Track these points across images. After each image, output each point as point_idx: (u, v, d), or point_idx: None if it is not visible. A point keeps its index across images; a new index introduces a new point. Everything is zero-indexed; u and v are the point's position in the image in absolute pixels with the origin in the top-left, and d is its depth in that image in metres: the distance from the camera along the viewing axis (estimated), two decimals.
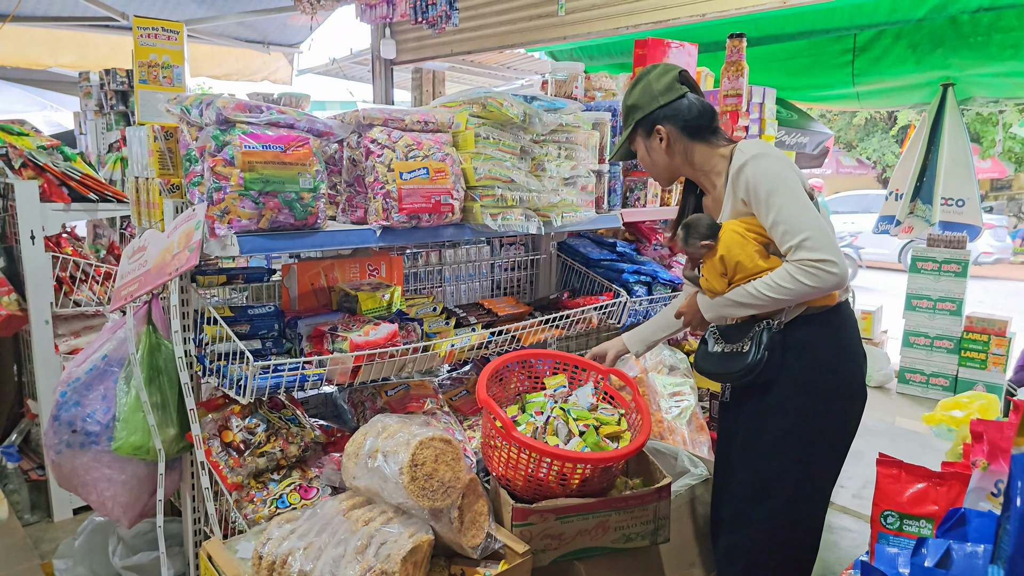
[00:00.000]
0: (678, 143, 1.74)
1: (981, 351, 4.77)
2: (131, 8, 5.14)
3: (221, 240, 1.55)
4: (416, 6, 3.63)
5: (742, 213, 1.68)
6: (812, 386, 1.68)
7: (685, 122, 1.72)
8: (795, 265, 1.54)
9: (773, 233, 1.59)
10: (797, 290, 1.54)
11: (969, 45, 4.12)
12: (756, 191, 1.59)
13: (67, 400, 1.69)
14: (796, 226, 1.54)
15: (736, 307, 1.66)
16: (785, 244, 1.56)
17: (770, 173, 1.59)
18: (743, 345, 1.69)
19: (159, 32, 1.82)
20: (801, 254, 1.53)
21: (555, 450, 1.68)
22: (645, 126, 1.76)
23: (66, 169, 2.65)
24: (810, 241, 1.52)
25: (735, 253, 1.64)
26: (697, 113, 1.72)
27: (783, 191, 1.57)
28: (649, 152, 1.79)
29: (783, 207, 1.56)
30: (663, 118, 1.73)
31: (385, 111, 1.85)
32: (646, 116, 1.74)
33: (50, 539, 2.53)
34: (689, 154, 1.75)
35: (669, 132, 1.73)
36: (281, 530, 1.45)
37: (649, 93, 1.74)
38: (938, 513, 2.00)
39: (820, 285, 1.52)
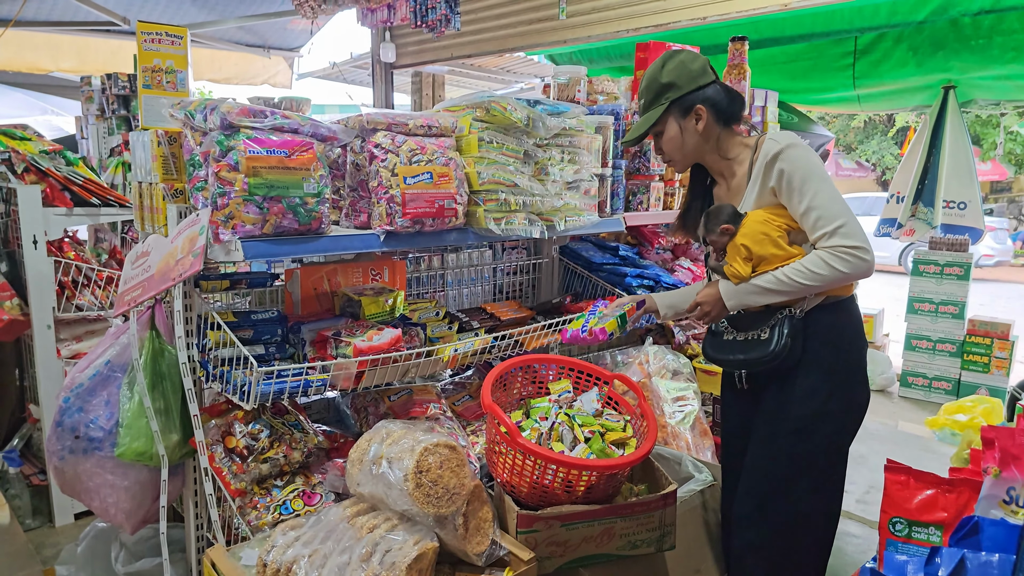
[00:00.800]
0: (711, 127, 1.76)
1: (984, 355, 4.77)
2: (132, 13, 5.15)
3: (225, 245, 1.55)
4: (416, 10, 3.64)
5: (767, 203, 1.71)
6: (837, 372, 1.72)
7: (720, 106, 1.74)
8: (829, 252, 1.57)
9: (805, 220, 1.62)
10: (830, 276, 1.57)
11: (970, 48, 4.12)
12: (791, 179, 1.62)
13: (70, 406, 1.69)
14: (831, 213, 1.57)
15: (763, 294, 1.67)
16: (819, 231, 1.59)
17: (805, 161, 1.62)
18: (760, 333, 1.72)
19: (163, 37, 1.82)
20: (836, 240, 1.56)
21: (561, 457, 1.68)
22: (682, 105, 1.76)
23: (68, 174, 2.65)
24: (846, 228, 1.56)
25: (759, 239, 1.66)
26: (731, 99, 1.76)
27: (818, 179, 1.60)
28: (683, 132, 1.78)
29: (818, 194, 1.59)
30: (703, 99, 1.74)
31: (389, 116, 1.84)
32: (685, 95, 1.74)
33: (51, 544, 2.52)
34: (720, 139, 1.77)
35: (708, 114, 1.74)
36: (286, 537, 1.45)
37: (687, 73, 1.74)
38: (947, 520, 1.99)
39: (852, 272, 1.56)
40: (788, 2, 3.49)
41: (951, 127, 4.88)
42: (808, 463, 1.75)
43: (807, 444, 1.74)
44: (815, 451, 1.75)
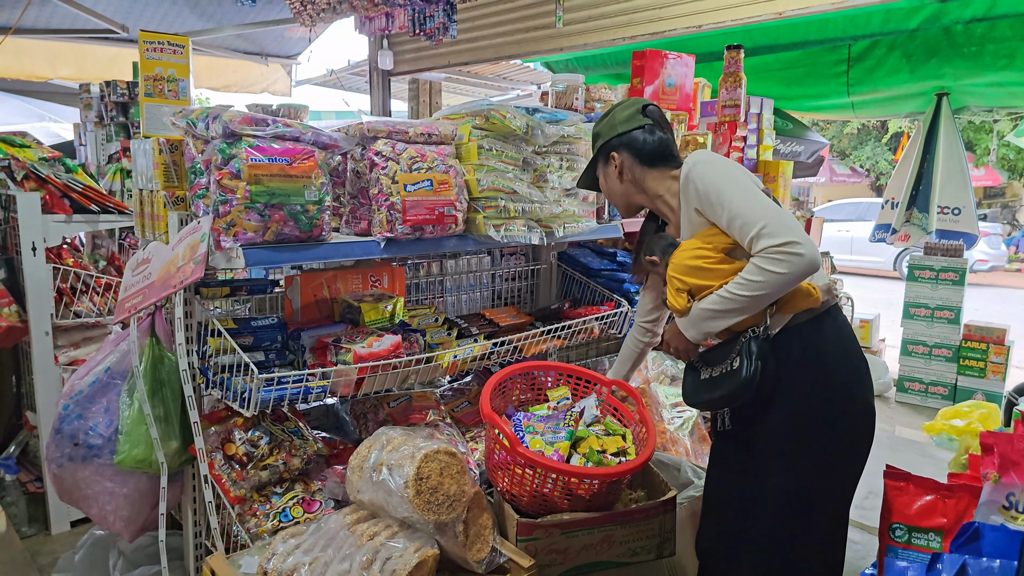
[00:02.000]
0: (632, 170, 1.75)
1: (980, 359, 4.79)
2: (131, 21, 5.16)
3: (227, 252, 1.55)
4: (414, 18, 3.66)
5: (700, 225, 1.64)
6: (816, 397, 1.60)
7: (639, 150, 1.74)
8: (760, 256, 1.48)
9: (732, 231, 1.55)
10: (769, 281, 1.47)
11: (963, 55, 4.16)
12: (706, 194, 1.57)
13: (69, 413, 1.68)
14: (751, 216, 1.50)
15: (714, 317, 1.58)
16: (746, 238, 1.51)
17: (714, 173, 1.58)
18: (731, 363, 1.60)
19: (165, 46, 1.83)
20: (763, 243, 1.47)
21: (562, 465, 1.68)
22: (603, 153, 1.80)
23: (68, 181, 2.65)
24: (768, 227, 1.47)
25: (688, 269, 1.61)
26: (653, 143, 1.74)
27: (731, 186, 1.55)
28: (605, 179, 1.82)
29: (733, 201, 1.53)
30: (618, 145, 1.76)
31: (389, 123, 1.86)
32: (605, 143, 1.78)
33: (47, 552, 2.51)
34: (641, 181, 1.75)
35: (623, 159, 1.75)
36: (286, 545, 1.45)
37: (610, 123, 1.78)
38: (947, 526, 2.00)
39: (791, 271, 1.45)
40: (783, 10, 3.53)
41: (945, 133, 4.92)
42: (801, 501, 1.64)
43: (795, 481, 1.62)
44: (807, 487, 1.63)
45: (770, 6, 3.54)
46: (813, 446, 1.62)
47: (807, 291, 1.57)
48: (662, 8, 3.92)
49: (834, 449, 1.64)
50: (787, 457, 1.63)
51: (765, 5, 3.55)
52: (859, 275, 11.58)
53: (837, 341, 1.64)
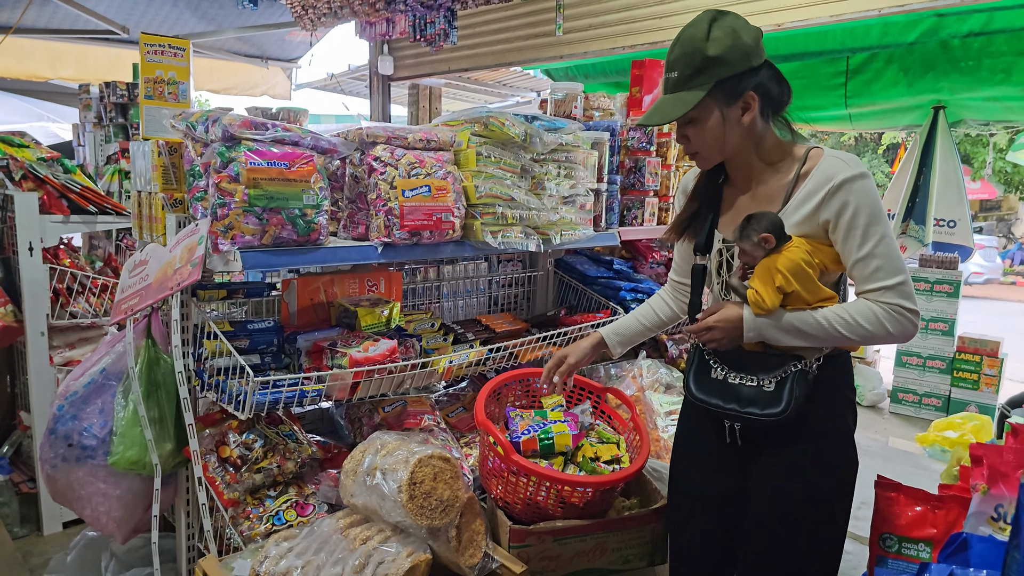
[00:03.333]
0: (758, 120, 1.42)
1: (973, 372, 4.81)
2: (131, 22, 5.18)
3: (224, 255, 1.56)
4: (415, 24, 3.68)
5: (809, 232, 1.42)
6: (849, 429, 1.52)
7: (771, 96, 1.41)
8: (884, 308, 1.36)
9: (860, 267, 1.38)
10: (875, 334, 1.37)
11: (960, 69, 4.20)
12: (855, 216, 1.36)
13: (64, 414, 1.68)
14: (895, 267, 1.36)
15: (795, 334, 1.41)
16: (875, 283, 1.37)
17: (874, 199, 1.37)
18: (764, 382, 1.45)
19: (166, 49, 1.84)
20: (894, 298, 1.35)
21: (556, 474, 1.69)
22: (730, 89, 1.38)
23: (66, 181, 2.65)
24: (906, 287, 1.36)
25: (799, 272, 1.39)
26: (781, 87, 1.43)
27: (884, 222, 1.37)
28: (726, 123, 1.41)
29: (882, 240, 1.36)
30: (757, 84, 1.38)
31: (388, 129, 1.87)
32: (734, 76, 1.36)
33: (39, 553, 2.50)
34: (762, 136, 1.44)
35: (759, 104, 1.40)
36: (279, 548, 1.45)
37: (741, 47, 1.35)
38: (937, 536, 2.01)
39: (900, 335, 1.37)
40: (782, 22, 3.56)
41: (941, 146, 4.95)
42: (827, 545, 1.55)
43: (829, 524, 1.51)
44: (835, 530, 1.53)
45: (769, 18, 3.58)
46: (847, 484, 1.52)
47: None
48: (662, 18, 3.96)
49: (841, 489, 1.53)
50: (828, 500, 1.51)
51: (764, 17, 3.59)
52: None
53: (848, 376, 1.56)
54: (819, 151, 1.44)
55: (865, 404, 5.16)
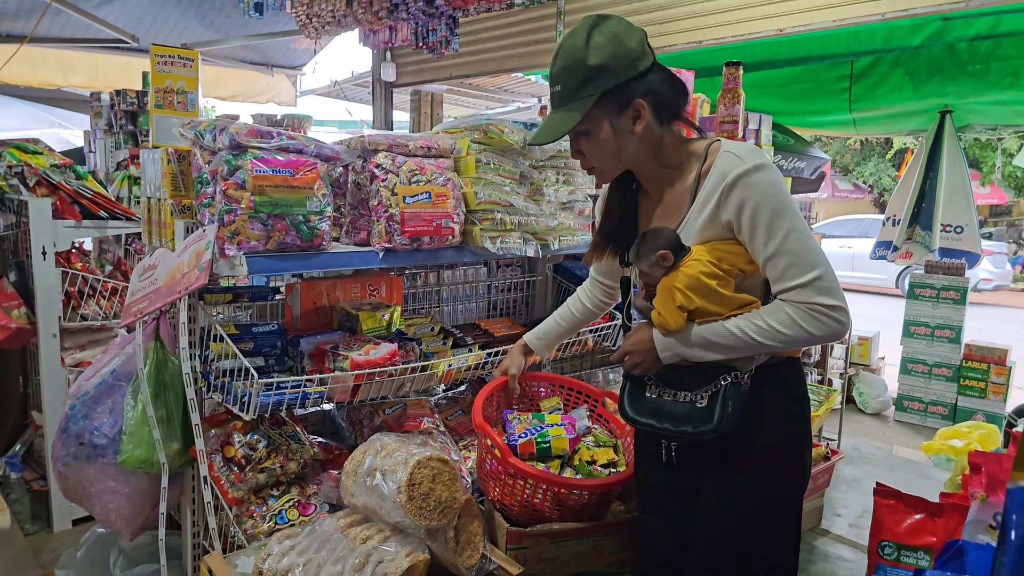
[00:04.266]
0: (652, 126, 1.35)
1: (980, 380, 4.77)
2: (141, 31, 5.27)
3: (230, 260, 1.60)
4: (417, 31, 3.73)
5: (714, 236, 1.35)
6: (788, 438, 1.42)
7: (663, 100, 1.33)
8: (801, 309, 1.25)
9: (771, 265, 1.28)
10: (797, 338, 1.26)
11: (967, 73, 4.17)
12: (756, 213, 1.26)
13: (76, 413, 1.73)
14: (807, 261, 1.25)
15: (711, 348, 1.33)
16: (788, 281, 1.27)
17: (775, 191, 1.27)
18: (697, 398, 1.37)
19: (175, 59, 1.89)
20: (810, 295, 1.24)
21: (553, 476, 1.71)
22: (617, 99, 1.31)
23: (78, 187, 2.72)
24: (822, 282, 1.25)
25: (702, 288, 1.31)
26: (674, 89, 1.35)
27: (791, 215, 1.26)
28: (617, 134, 1.34)
29: (790, 234, 1.25)
30: (644, 91, 1.31)
31: (390, 137, 1.91)
32: (620, 84, 1.29)
33: (49, 549, 2.55)
34: (657, 141, 1.37)
35: (648, 111, 1.33)
36: (281, 546, 1.48)
37: (624, 53, 1.28)
38: (936, 544, 2.02)
39: (825, 335, 1.26)
40: (784, 27, 3.58)
41: (948, 151, 4.92)
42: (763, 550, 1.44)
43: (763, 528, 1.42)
44: (772, 534, 1.43)
45: (771, 23, 3.60)
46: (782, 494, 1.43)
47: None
48: (662, 24, 3.99)
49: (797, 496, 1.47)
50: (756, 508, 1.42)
51: (766, 22, 3.60)
52: (860, 292, 11.56)
53: (803, 380, 1.47)
54: (718, 145, 1.35)
55: (869, 412, 5.14)
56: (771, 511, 1.42)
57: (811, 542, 3.00)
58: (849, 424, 4.70)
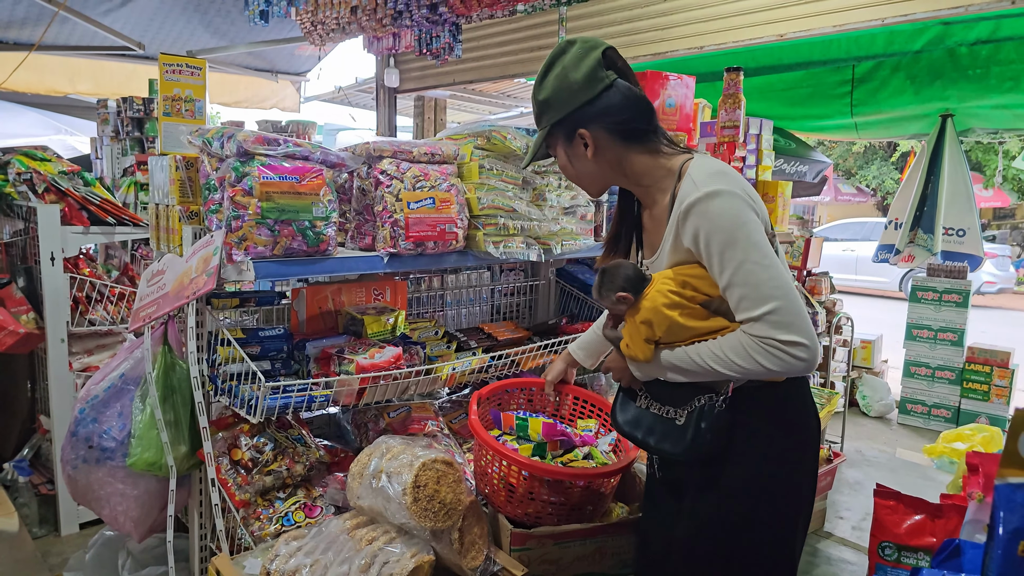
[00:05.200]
0: (609, 150, 1.37)
1: (984, 382, 4.77)
2: (147, 38, 5.32)
3: (238, 265, 1.63)
4: (421, 38, 3.76)
5: (683, 260, 1.35)
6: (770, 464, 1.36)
7: (616, 123, 1.34)
8: (755, 342, 1.22)
9: (728, 295, 1.27)
10: (752, 371, 1.24)
11: (968, 77, 4.18)
12: (708, 242, 1.25)
13: (85, 417, 1.76)
14: (760, 293, 1.21)
15: (675, 372, 1.35)
16: (742, 314, 1.24)
17: (726, 219, 1.23)
18: (676, 414, 1.38)
19: (183, 68, 1.93)
20: (762, 330, 1.21)
21: (546, 466, 1.72)
22: (563, 129, 1.38)
23: (86, 194, 2.75)
24: (776, 315, 1.20)
25: (663, 320, 1.33)
26: (631, 110, 1.35)
27: (742, 244, 1.23)
28: (572, 161, 1.42)
29: (743, 265, 1.22)
30: (586, 120, 1.35)
31: (394, 144, 1.94)
32: (564, 118, 1.36)
33: (57, 552, 2.57)
34: (624, 163, 1.38)
35: (596, 136, 1.36)
36: (288, 547, 1.50)
37: (566, 87, 1.33)
38: (936, 545, 2.03)
39: (783, 370, 1.23)
40: (784, 32, 3.60)
41: (949, 155, 4.93)
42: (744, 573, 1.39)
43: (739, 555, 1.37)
44: (752, 561, 1.38)
45: (771, 28, 3.61)
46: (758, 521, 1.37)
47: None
48: (664, 29, 4.01)
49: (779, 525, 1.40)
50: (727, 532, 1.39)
51: (766, 27, 3.62)
52: (864, 295, 11.55)
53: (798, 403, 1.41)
54: (688, 164, 1.34)
55: (872, 415, 5.14)
56: (745, 539, 1.37)
57: (814, 545, 3.00)
58: (852, 427, 4.70)
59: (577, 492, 1.77)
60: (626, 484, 2.01)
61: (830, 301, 4.56)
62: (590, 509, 1.83)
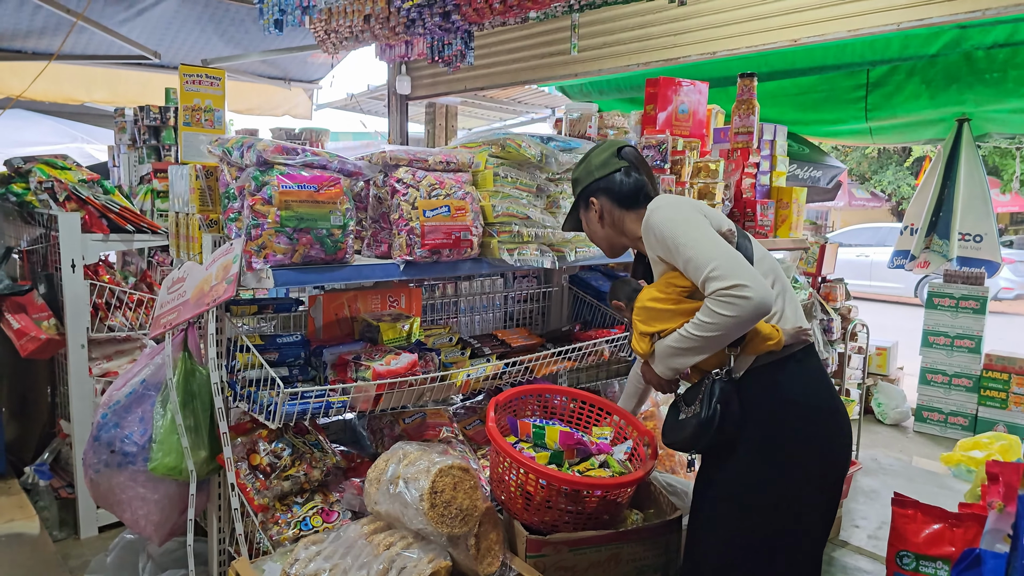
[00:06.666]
0: (611, 214, 1.80)
1: (1002, 390, 4.70)
2: (162, 47, 5.39)
3: (257, 273, 1.65)
4: (433, 46, 3.78)
5: (665, 270, 1.67)
6: (772, 444, 1.59)
7: (616, 192, 1.78)
8: (711, 298, 1.49)
9: (688, 274, 1.57)
10: (719, 323, 1.48)
11: (984, 81, 4.13)
12: (663, 242, 1.60)
13: (107, 421, 1.78)
14: (701, 259, 1.51)
15: (676, 354, 1.60)
16: (699, 280, 1.53)
17: (666, 218, 1.61)
18: (698, 405, 1.61)
19: (203, 79, 1.96)
20: (712, 285, 1.49)
21: (565, 476, 1.73)
22: (583, 198, 1.84)
23: (106, 202, 2.79)
24: (717, 270, 1.48)
25: (648, 314, 1.65)
26: (629, 188, 1.77)
27: (683, 230, 1.57)
28: (587, 223, 1.87)
29: (686, 245, 1.55)
30: (596, 190, 1.80)
31: (410, 152, 1.95)
32: (584, 189, 1.82)
33: (76, 555, 2.61)
34: (620, 223, 1.79)
35: (602, 204, 1.80)
36: (308, 551, 1.52)
37: (587, 168, 1.82)
38: (955, 554, 2.00)
39: (738, 314, 1.46)
40: (798, 37, 3.58)
41: (966, 159, 4.87)
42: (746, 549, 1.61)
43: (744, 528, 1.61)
44: (754, 535, 1.61)
45: (785, 33, 3.60)
46: (764, 496, 1.60)
47: (767, 334, 1.57)
48: (676, 35, 4.01)
49: (786, 503, 1.60)
50: (739, 503, 1.62)
51: (780, 32, 3.61)
52: (879, 301, 11.43)
53: (798, 386, 1.62)
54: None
55: (888, 423, 5.09)
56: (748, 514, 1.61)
57: (830, 554, 2.98)
58: (868, 435, 4.66)
59: (594, 501, 1.77)
60: (641, 491, 2.01)
61: (845, 308, 4.52)
62: (606, 517, 1.83)
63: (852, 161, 16.02)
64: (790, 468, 1.59)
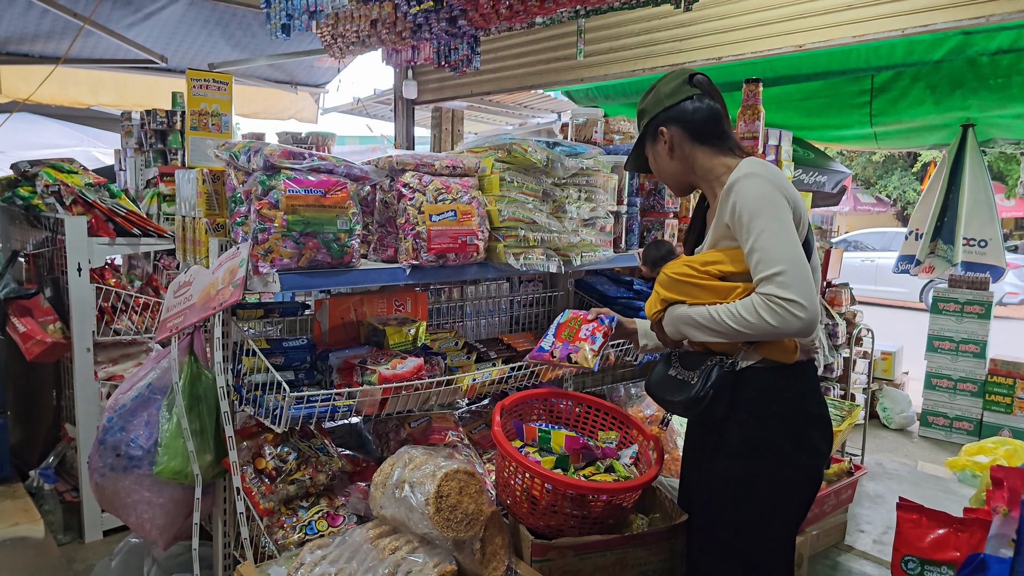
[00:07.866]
0: (681, 147, 1.67)
1: (1007, 395, 4.69)
2: (169, 51, 5.41)
3: (264, 277, 1.65)
4: (439, 51, 3.80)
5: (722, 239, 1.60)
6: (760, 446, 1.57)
7: (689, 124, 1.65)
8: (762, 299, 1.43)
9: (749, 261, 1.49)
10: (757, 325, 1.44)
11: (989, 87, 4.14)
12: (740, 215, 1.50)
13: (113, 425, 1.79)
14: (771, 257, 1.44)
15: (695, 327, 1.57)
16: (757, 275, 1.46)
17: (757, 194, 1.49)
18: (692, 376, 1.60)
19: (210, 83, 1.96)
20: (770, 288, 1.42)
21: (573, 481, 1.73)
22: (651, 130, 1.72)
23: (112, 206, 2.80)
24: (783, 276, 1.42)
25: (672, 283, 1.63)
26: (703, 115, 1.65)
27: (766, 216, 1.47)
28: (655, 157, 1.74)
29: (762, 233, 1.46)
30: (666, 120, 1.67)
31: (416, 157, 1.96)
32: (651, 119, 1.70)
33: (81, 559, 2.61)
34: (692, 158, 1.67)
35: (672, 135, 1.67)
36: (313, 556, 1.52)
37: (655, 96, 1.70)
38: (959, 559, 2.00)
39: (782, 326, 1.42)
40: (803, 43, 3.59)
41: (971, 165, 4.86)
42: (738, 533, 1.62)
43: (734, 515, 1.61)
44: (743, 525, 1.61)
45: (790, 39, 3.61)
46: (753, 490, 1.59)
47: (786, 346, 1.55)
48: (682, 41, 4.02)
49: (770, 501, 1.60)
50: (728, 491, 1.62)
51: (785, 38, 3.62)
52: (884, 306, 11.40)
53: (795, 399, 1.60)
54: (742, 161, 1.60)
55: (893, 427, 5.07)
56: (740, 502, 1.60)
57: (835, 558, 2.97)
58: (872, 440, 4.64)
59: (600, 506, 1.77)
60: (646, 496, 2.01)
61: (850, 312, 4.51)
62: (612, 522, 1.82)
63: (857, 166, 16.00)
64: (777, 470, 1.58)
